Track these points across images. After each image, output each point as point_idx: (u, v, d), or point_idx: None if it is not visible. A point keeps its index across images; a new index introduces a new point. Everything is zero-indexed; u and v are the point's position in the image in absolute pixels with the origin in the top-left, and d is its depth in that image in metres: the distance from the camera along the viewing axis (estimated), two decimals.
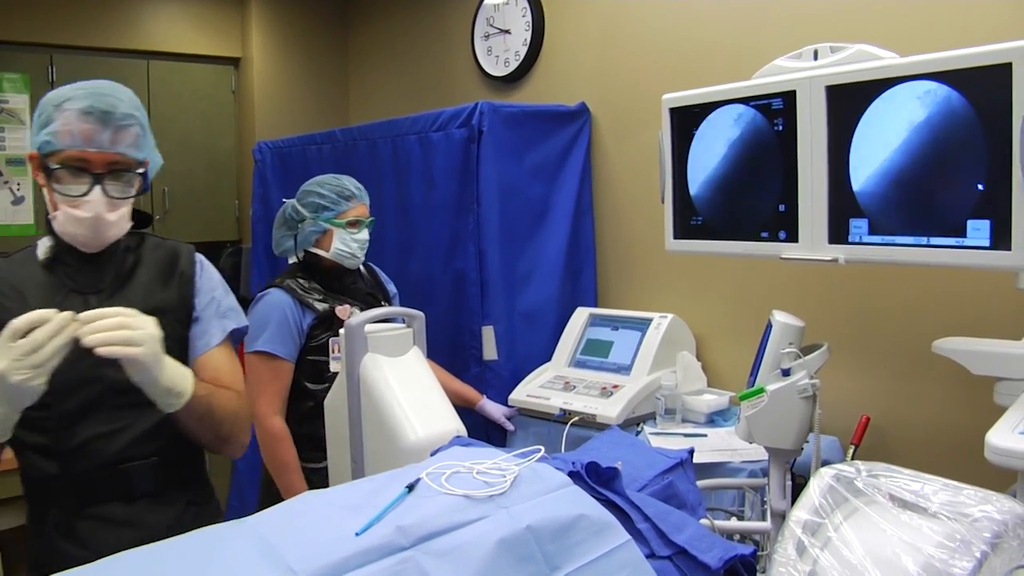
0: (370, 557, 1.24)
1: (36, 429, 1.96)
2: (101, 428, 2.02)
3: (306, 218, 3.16)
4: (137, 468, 2.08)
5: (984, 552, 1.21)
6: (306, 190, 3.22)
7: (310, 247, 3.19)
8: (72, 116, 1.94)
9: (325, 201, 3.16)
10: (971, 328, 2.51)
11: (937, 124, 1.91)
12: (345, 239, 3.16)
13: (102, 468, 2.04)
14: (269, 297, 3.10)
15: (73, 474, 2.01)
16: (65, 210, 1.97)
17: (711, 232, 2.48)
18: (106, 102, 1.98)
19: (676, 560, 1.43)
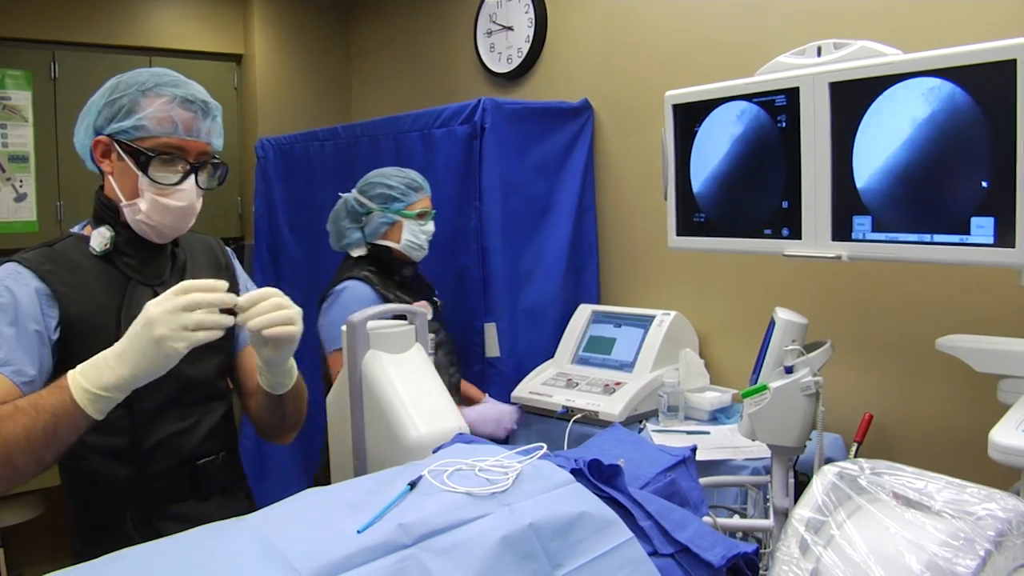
0: (372, 555, 1.24)
1: (111, 432, 1.91)
2: (176, 426, 2.01)
3: (373, 210, 3.15)
4: (209, 465, 2.09)
5: (988, 550, 1.21)
6: (372, 182, 3.19)
7: (377, 239, 3.17)
8: (170, 103, 1.90)
9: (395, 192, 3.14)
10: (975, 325, 2.51)
11: (941, 121, 1.91)
12: (415, 231, 3.16)
13: (178, 466, 2.03)
14: (351, 291, 3.06)
15: (150, 475, 1.98)
16: (155, 198, 1.91)
17: (714, 229, 2.48)
18: (200, 91, 1.97)
19: (679, 558, 1.43)
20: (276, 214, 5.00)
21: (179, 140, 1.91)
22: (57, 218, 4.88)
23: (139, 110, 1.88)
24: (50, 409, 1.60)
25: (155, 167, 1.89)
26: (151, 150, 1.88)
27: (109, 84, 1.94)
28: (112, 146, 1.91)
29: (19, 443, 1.57)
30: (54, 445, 1.61)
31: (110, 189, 1.96)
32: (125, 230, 1.97)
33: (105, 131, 1.91)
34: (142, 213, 1.92)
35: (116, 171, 1.93)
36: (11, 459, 1.58)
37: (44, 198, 4.90)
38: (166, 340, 1.61)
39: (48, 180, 4.88)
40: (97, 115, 1.92)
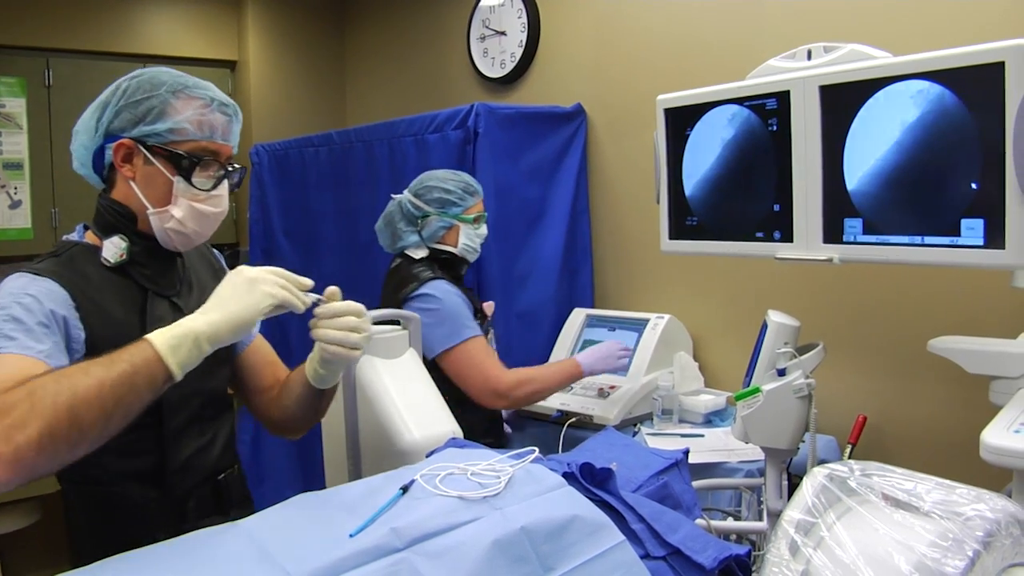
0: (364, 558, 1.24)
1: (137, 454, 1.84)
2: (198, 442, 1.94)
3: (430, 214, 3.12)
4: (229, 478, 2.04)
5: (976, 551, 1.22)
6: (428, 185, 3.16)
7: (435, 243, 3.16)
8: (207, 107, 1.83)
9: (452, 197, 3.11)
10: (966, 327, 2.51)
11: (930, 123, 1.91)
12: (470, 234, 3.14)
13: (201, 483, 1.95)
14: (442, 288, 3.02)
15: (177, 495, 1.90)
16: (191, 204, 1.83)
17: (706, 232, 2.48)
18: (224, 94, 1.90)
19: (670, 560, 1.44)
20: (271, 220, 4.99)
21: (216, 144, 1.85)
22: (52, 225, 4.88)
23: (174, 113, 1.80)
24: (127, 359, 1.47)
25: (193, 171, 1.82)
26: (191, 154, 1.81)
27: (121, 86, 1.84)
28: (136, 150, 1.81)
29: (89, 395, 1.41)
30: (126, 401, 1.46)
31: (128, 195, 1.84)
32: (140, 239, 1.86)
33: (129, 134, 1.80)
34: (174, 220, 1.83)
35: (142, 176, 1.82)
36: (78, 415, 1.39)
37: (39, 205, 4.90)
38: (259, 283, 1.60)
39: (43, 187, 4.87)
40: (114, 117, 1.81)
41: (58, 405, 1.38)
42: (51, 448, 1.37)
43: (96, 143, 1.85)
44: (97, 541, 1.72)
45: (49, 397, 1.39)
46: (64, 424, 1.38)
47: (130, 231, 1.85)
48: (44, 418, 1.37)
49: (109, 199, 1.87)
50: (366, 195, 4.39)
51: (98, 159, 1.87)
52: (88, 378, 1.43)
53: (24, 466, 1.34)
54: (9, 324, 1.59)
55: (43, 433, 1.36)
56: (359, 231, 4.50)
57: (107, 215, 1.86)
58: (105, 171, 1.88)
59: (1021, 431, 1.85)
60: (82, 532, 1.88)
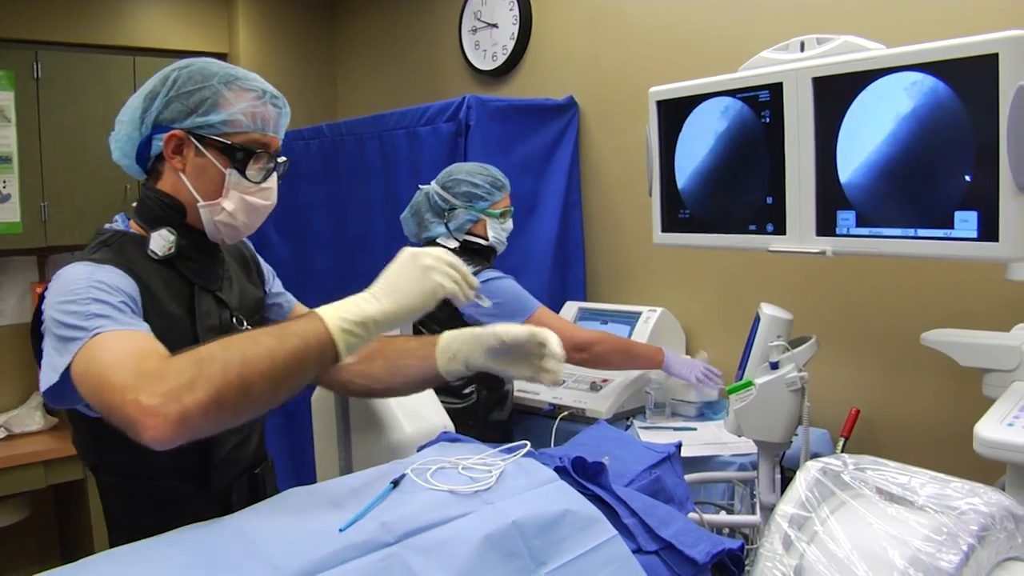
0: (354, 553, 1.23)
1: (184, 448, 1.82)
2: (237, 436, 1.93)
3: (457, 207, 3.13)
4: (264, 471, 2.03)
5: (971, 545, 1.21)
6: (456, 178, 3.16)
7: (464, 234, 3.16)
8: (260, 99, 1.82)
9: (480, 191, 3.12)
10: (959, 320, 2.51)
11: (924, 115, 1.91)
12: (496, 228, 3.16)
13: (238, 477, 1.94)
14: (493, 274, 3.06)
15: (216, 489, 1.87)
16: (243, 197, 1.82)
17: (699, 225, 2.48)
18: (273, 87, 1.88)
19: (663, 555, 1.43)
20: None
21: (267, 137, 1.83)
22: (42, 219, 4.84)
23: (226, 104, 1.78)
24: (300, 334, 1.45)
25: (247, 164, 1.80)
26: (244, 146, 1.79)
27: (171, 76, 1.80)
28: (188, 141, 1.78)
29: (261, 365, 1.39)
30: (295, 376, 1.45)
31: (177, 187, 1.82)
32: (187, 232, 1.84)
33: (180, 125, 1.78)
34: (225, 213, 1.82)
35: (192, 168, 1.80)
36: (247, 384, 1.38)
37: (28, 199, 4.86)
38: (432, 271, 1.57)
39: (32, 181, 4.84)
40: (164, 107, 1.78)
41: (228, 372, 1.38)
42: (216, 413, 1.37)
43: (143, 134, 1.81)
44: (135, 535, 1.70)
45: (218, 363, 1.38)
46: (233, 391, 1.38)
47: (178, 224, 1.83)
48: (214, 383, 1.36)
49: (156, 190, 1.84)
50: (357, 188, 4.39)
51: (142, 150, 1.84)
52: (258, 348, 1.42)
53: (188, 428, 1.34)
54: (95, 306, 1.55)
55: (212, 398, 1.35)
56: (350, 224, 4.50)
57: (155, 207, 1.83)
58: (150, 162, 1.85)
59: (1014, 424, 1.85)
60: (120, 526, 1.85)
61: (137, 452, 1.54)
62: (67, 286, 1.59)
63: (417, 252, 1.59)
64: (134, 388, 1.35)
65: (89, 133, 4.86)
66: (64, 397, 1.56)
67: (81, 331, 1.50)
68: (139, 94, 1.83)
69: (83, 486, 4.48)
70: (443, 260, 1.61)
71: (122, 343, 1.49)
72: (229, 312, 1.89)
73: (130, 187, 4.98)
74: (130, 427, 1.35)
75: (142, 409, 1.33)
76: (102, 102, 4.91)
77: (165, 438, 1.33)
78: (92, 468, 1.83)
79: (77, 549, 4.54)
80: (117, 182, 4.93)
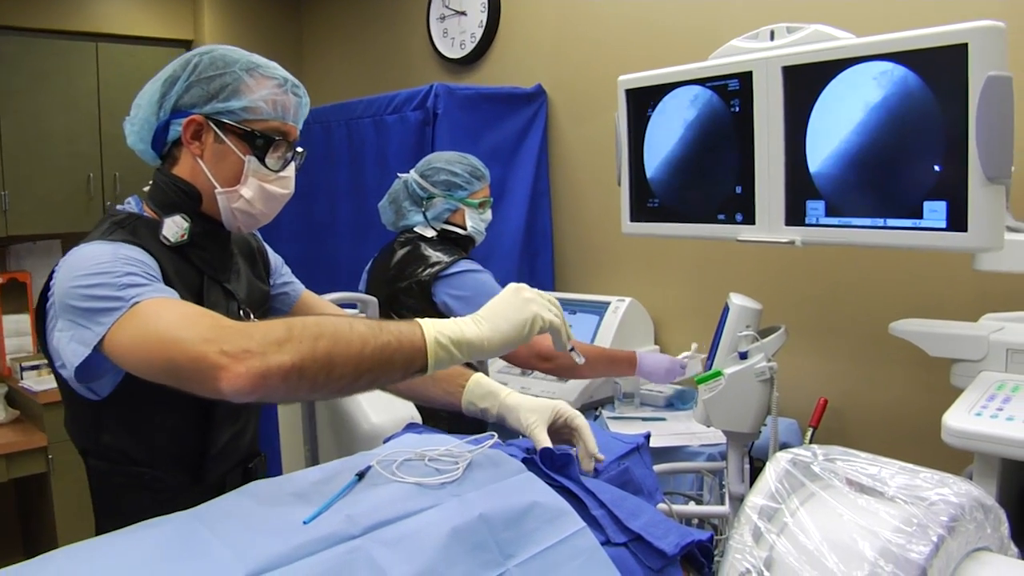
0: (318, 546, 1.22)
1: (184, 437, 1.81)
2: (233, 428, 1.91)
3: (435, 195, 3.08)
4: (258, 464, 2.01)
5: (941, 536, 1.21)
6: (435, 167, 3.11)
7: (442, 223, 3.11)
8: (281, 87, 1.81)
9: (459, 180, 3.07)
10: (928, 310, 2.52)
11: (893, 105, 1.91)
12: (475, 218, 3.11)
13: (232, 470, 1.93)
14: (471, 266, 2.99)
15: (210, 481, 1.86)
16: (261, 185, 1.81)
17: (668, 215, 2.47)
18: (294, 76, 1.87)
19: (632, 547, 1.42)
20: None
21: (287, 125, 1.83)
22: (2, 208, 4.78)
23: (248, 91, 1.77)
24: (395, 333, 1.45)
25: (267, 151, 1.79)
26: (264, 134, 1.78)
27: (192, 61, 1.79)
28: (207, 127, 1.77)
29: (351, 349, 1.40)
30: (377, 372, 1.44)
31: (194, 173, 1.81)
32: (202, 220, 1.83)
33: (200, 110, 1.77)
34: (242, 200, 1.81)
35: (211, 154, 1.79)
36: (333, 363, 1.39)
37: None
38: (532, 303, 1.55)
39: None
40: (184, 92, 1.77)
41: (318, 345, 1.38)
42: (296, 381, 1.37)
43: (161, 118, 1.80)
44: (123, 523, 1.67)
45: (310, 334, 1.39)
46: (318, 365, 1.38)
47: (193, 211, 1.81)
48: (301, 352, 1.36)
49: (172, 176, 1.82)
50: (323, 177, 4.36)
51: (159, 135, 1.82)
52: (352, 333, 1.41)
53: (265, 386, 1.34)
54: (128, 277, 1.55)
55: (296, 364, 1.35)
56: (316, 213, 4.47)
57: (170, 192, 1.81)
58: (166, 147, 1.84)
59: (982, 414, 1.87)
60: (109, 514, 1.83)
61: (137, 436, 1.55)
62: (90, 261, 1.58)
63: (521, 286, 1.59)
64: (216, 340, 1.36)
65: (51, 120, 4.80)
66: (91, 372, 1.57)
67: (117, 301, 1.51)
68: (158, 78, 1.82)
69: (46, 480, 4.43)
70: (545, 296, 1.60)
71: (180, 306, 1.52)
72: (237, 304, 1.89)
73: (93, 175, 4.93)
74: (204, 378, 1.36)
75: (226, 356, 1.34)
76: (64, 89, 4.86)
77: (242, 390, 1.34)
78: (83, 452, 1.81)
79: (40, 544, 4.49)
80: (79, 170, 4.89)
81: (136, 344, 1.47)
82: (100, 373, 1.60)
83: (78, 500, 4.27)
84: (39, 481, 4.50)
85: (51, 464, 4.38)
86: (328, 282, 3.47)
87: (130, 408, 1.70)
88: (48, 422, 4.40)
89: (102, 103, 5.02)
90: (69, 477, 4.32)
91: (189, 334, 1.40)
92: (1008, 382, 2.02)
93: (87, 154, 4.99)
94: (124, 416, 1.72)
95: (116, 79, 5.08)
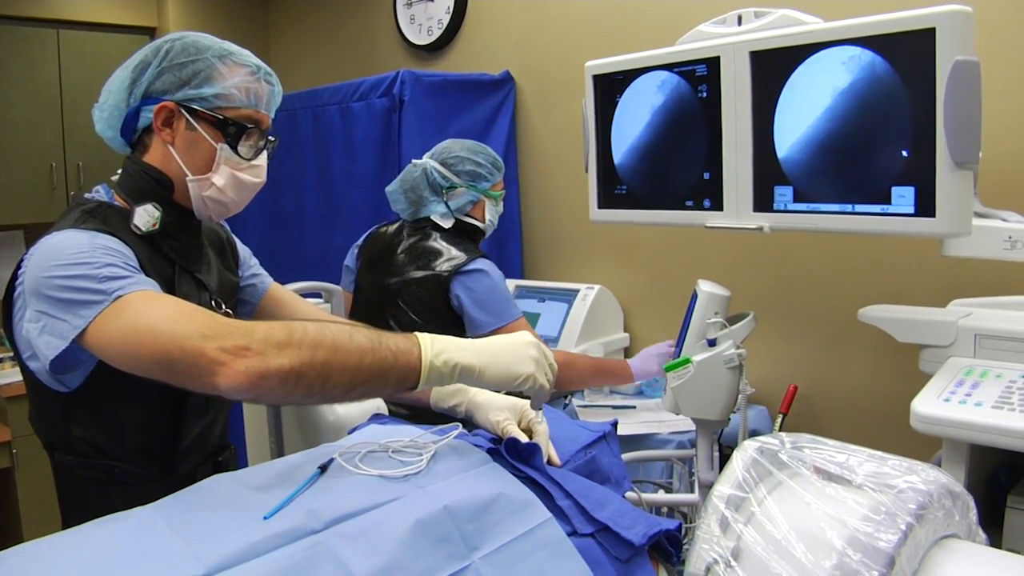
0: (279, 542, 1.20)
1: (153, 429, 1.79)
2: (203, 421, 1.89)
3: (458, 186, 2.97)
4: (228, 458, 1.99)
5: (909, 524, 1.20)
6: (459, 156, 3.00)
7: (463, 216, 3.01)
8: (254, 75, 1.80)
9: (483, 171, 2.98)
10: (896, 296, 2.52)
11: (861, 90, 1.90)
12: (493, 211, 3.03)
13: (201, 464, 1.90)
14: (488, 267, 2.87)
15: (179, 474, 1.83)
16: (233, 173, 1.79)
17: (636, 201, 2.46)
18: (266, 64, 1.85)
19: (599, 537, 1.42)
20: None
21: (259, 114, 1.81)
22: None
23: (220, 78, 1.76)
24: (394, 348, 1.45)
25: (239, 139, 1.78)
26: (237, 121, 1.77)
27: (163, 47, 1.76)
28: (178, 114, 1.75)
29: (348, 360, 1.41)
30: (370, 386, 1.45)
31: (165, 161, 1.78)
32: (173, 209, 1.80)
33: (172, 96, 1.74)
34: (214, 188, 1.79)
35: (182, 142, 1.77)
36: (330, 371, 1.40)
37: None
38: (534, 361, 1.56)
39: None
40: (155, 78, 1.75)
41: (316, 353, 1.39)
42: (292, 385, 1.38)
43: (131, 105, 1.78)
44: (90, 519, 1.64)
45: (310, 340, 1.40)
46: (315, 372, 1.39)
47: (164, 199, 1.79)
48: (300, 357, 1.38)
49: (143, 163, 1.79)
50: (290, 165, 4.33)
51: (129, 122, 1.80)
52: (351, 344, 1.42)
53: (261, 386, 1.36)
54: (108, 268, 1.54)
55: (294, 368, 1.37)
56: (282, 202, 4.44)
57: (141, 180, 1.79)
58: (136, 135, 1.81)
59: (950, 400, 1.87)
60: (75, 510, 1.79)
61: (106, 429, 1.53)
62: (66, 250, 1.56)
63: (535, 342, 1.59)
64: (215, 336, 1.37)
65: (12, 109, 4.74)
66: (66, 364, 1.55)
67: (98, 294, 1.49)
68: (128, 64, 1.79)
69: (10, 475, 4.38)
70: (548, 359, 1.61)
71: (170, 300, 1.52)
72: (208, 295, 1.87)
73: (55, 165, 4.87)
74: (201, 373, 1.37)
75: (225, 353, 1.35)
76: (25, 77, 4.79)
77: (239, 387, 1.35)
78: (49, 447, 1.78)
79: (5, 540, 4.44)
80: (42, 159, 4.83)
81: (126, 338, 1.46)
82: (74, 365, 1.58)
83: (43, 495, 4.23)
84: (3, 476, 4.44)
85: (15, 459, 4.32)
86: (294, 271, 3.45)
87: (100, 400, 1.68)
88: (12, 416, 4.35)
89: (64, 91, 4.95)
90: (34, 472, 4.28)
91: (185, 329, 1.40)
92: (976, 367, 2.02)
93: (49, 143, 4.92)
94: (93, 409, 1.70)
95: (78, 67, 5.01)
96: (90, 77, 4.97)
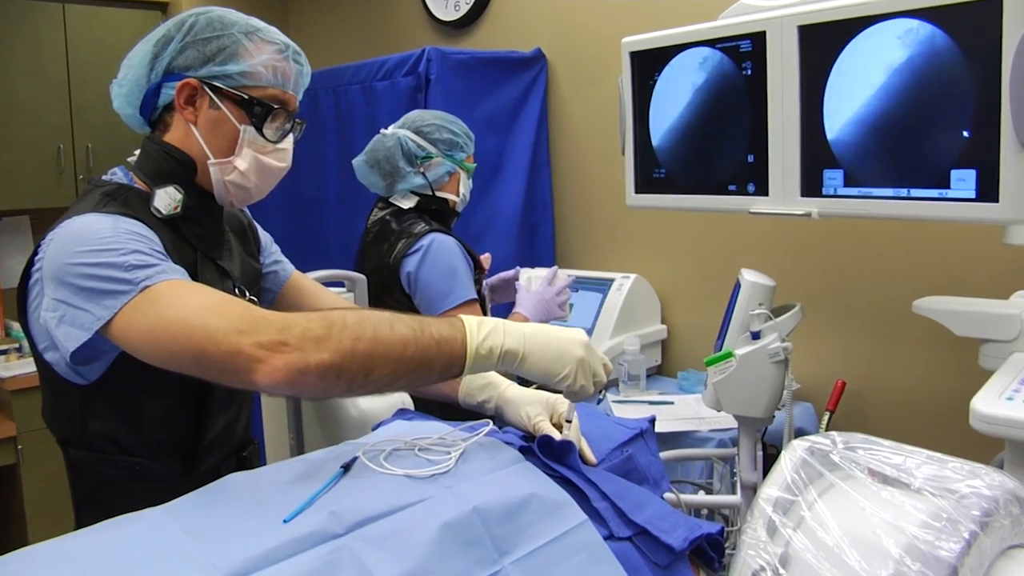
0: (299, 546, 1.20)
1: (178, 425, 1.78)
2: (227, 416, 1.89)
3: (434, 156, 2.91)
4: (251, 454, 1.99)
5: (973, 532, 1.18)
6: (433, 123, 2.94)
7: (438, 190, 2.95)
8: (282, 53, 1.79)
9: (459, 140, 2.94)
10: (955, 287, 2.50)
11: (919, 66, 1.87)
12: (466, 185, 3.00)
13: (225, 459, 1.89)
14: (440, 243, 2.81)
15: (202, 470, 1.82)
16: (257, 157, 1.78)
17: (675, 186, 2.44)
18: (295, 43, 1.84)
19: (637, 541, 1.41)
20: None
21: (287, 94, 1.80)
22: None
23: (247, 55, 1.74)
24: (437, 336, 1.46)
25: (264, 121, 1.76)
26: (262, 101, 1.75)
27: (187, 21, 1.74)
28: (202, 92, 1.74)
29: (390, 352, 1.41)
30: (415, 375, 1.46)
31: (187, 141, 1.77)
32: (195, 192, 1.79)
33: (196, 73, 1.73)
34: (236, 172, 1.78)
35: (205, 121, 1.75)
36: (372, 365, 1.41)
37: None
38: (581, 362, 1.55)
39: None
40: (178, 53, 1.73)
41: (357, 346, 1.40)
42: (332, 381, 1.40)
43: (152, 81, 1.76)
44: (106, 518, 1.56)
45: (350, 333, 1.41)
46: (356, 366, 1.40)
47: (186, 182, 1.77)
48: (340, 351, 1.39)
49: (164, 143, 1.78)
50: (310, 148, 4.33)
51: (149, 99, 1.78)
52: (393, 334, 1.43)
53: (301, 382, 1.38)
54: (135, 256, 1.53)
55: (334, 363, 1.38)
56: (302, 185, 4.44)
57: (162, 161, 1.77)
58: (156, 113, 1.80)
59: (1014, 398, 1.84)
60: (90, 508, 1.78)
61: (127, 423, 1.53)
62: (88, 235, 1.55)
63: (586, 342, 1.57)
64: (250, 331, 1.38)
65: (17, 87, 4.74)
66: (88, 356, 1.56)
67: (125, 284, 1.49)
68: (149, 39, 1.77)
69: (15, 472, 4.41)
70: (599, 369, 1.59)
71: (202, 291, 1.53)
72: (231, 282, 1.86)
73: (63, 147, 4.88)
74: (237, 369, 1.38)
75: (263, 349, 1.37)
76: (30, 54, 4.79)
77: (278, 383, 1.37)
78: (63, 442, 1.77)
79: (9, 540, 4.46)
80: (49, 141, 4.83)
81: (156, 332, 1.46)
82: (96, 356, 1.58)
83: (51, 493, 4.27)
84: (8, 473, 4.46)
85: (20, 455, 4.34)
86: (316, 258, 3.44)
87: (121, 393, 1.68)
88: (17, 410, 4.36)
89: (72, 69, 4.93)
90: (40, 469, 4.31)
91: (220, 323, 1.40)
92: None
93: (56, 124, 4.90)
94: (114, 402, 1.69)
95: (86, 43, 4.98)
96: (99, 54, 5.00)
